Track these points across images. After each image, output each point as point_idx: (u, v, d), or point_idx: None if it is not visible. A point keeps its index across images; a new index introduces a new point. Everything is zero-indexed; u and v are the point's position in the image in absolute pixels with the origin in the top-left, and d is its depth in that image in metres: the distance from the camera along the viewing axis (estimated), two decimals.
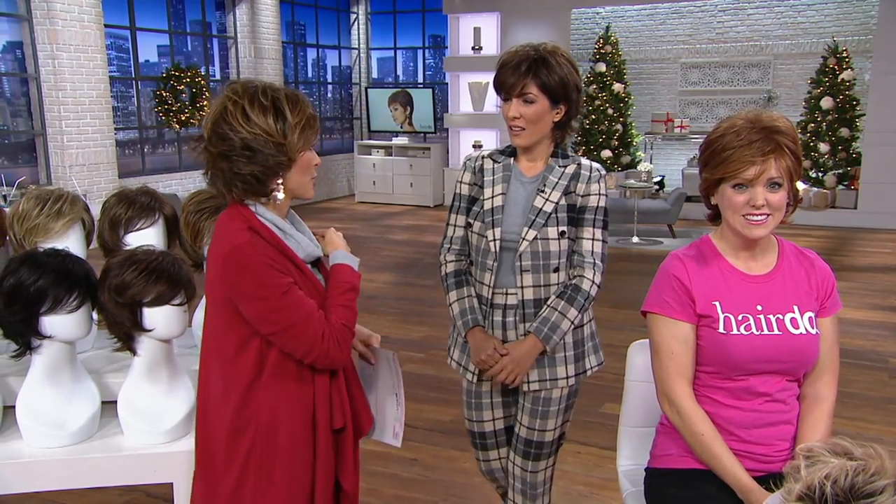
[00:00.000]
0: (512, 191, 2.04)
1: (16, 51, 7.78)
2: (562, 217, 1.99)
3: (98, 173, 8.22)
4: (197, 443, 1.64)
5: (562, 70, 1.94)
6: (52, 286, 1.74)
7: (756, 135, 1.57)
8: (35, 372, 1.82)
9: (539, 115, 1.95)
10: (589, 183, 2.03)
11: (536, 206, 1.99)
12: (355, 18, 13.44)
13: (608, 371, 4.45)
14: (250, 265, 1.50)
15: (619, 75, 10.61)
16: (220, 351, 1.58)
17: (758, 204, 1.57)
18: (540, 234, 1.98)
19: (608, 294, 6.33)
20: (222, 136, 1.51)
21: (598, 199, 2.04)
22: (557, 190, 2.00)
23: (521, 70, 1.93)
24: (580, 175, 2.03)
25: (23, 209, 2.09)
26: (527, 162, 2.05)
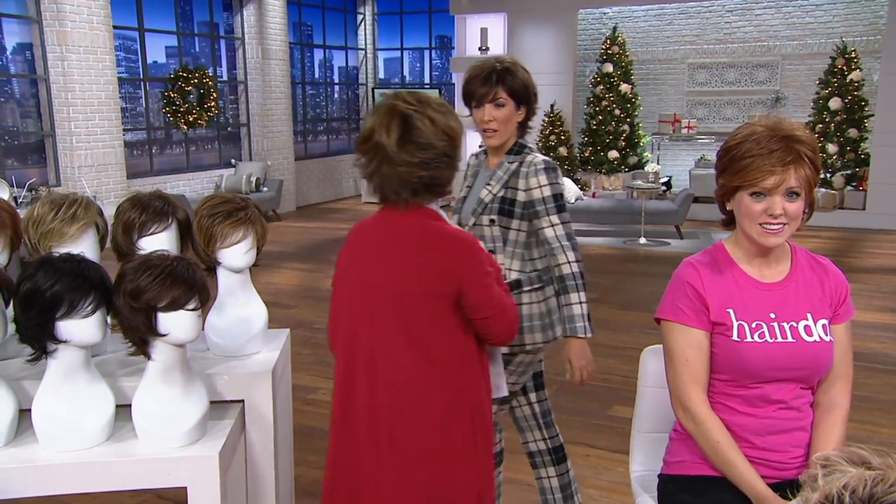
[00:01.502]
0: (476, 183, 2.38)
1: (25, 52, 7.82)
2: (494, 207, 2.28)
3: (107, 174, 8.25)
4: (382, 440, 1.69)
5: (523, 77, 2.24)
6: (67, 291, 1.75)
7: (776, 144, 1.56)
8: (50, 376, 1.83)
9: (508, 116, 2.24)
10: (528, 178, 2.25)
11: (481, 197, 2.30)
12: (362, 19, 13.45)
13: (616, 374, 4.46)
14: (481, 255, 1.73)
15: (626, 76, 10.60)
16: (425, 344, 1.68)
17: (776, 213, 1.57)
18: (477, 221, 2.31)
19: (615, 296, 6.34)
20: (423, 146, 1.63)
21: (541, 190, 2.23)
22: (500, 183, 2.28)
23: (491, 80, 2.21)
24: (520, 171, 2.26)
25: (37, 214, 2.09)
26: (493, 158, 2.34)
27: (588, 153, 10.78)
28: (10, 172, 7.54)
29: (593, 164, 10.73)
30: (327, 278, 6.85)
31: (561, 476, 2.57)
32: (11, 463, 1.78)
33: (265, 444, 2.13)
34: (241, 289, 2.27)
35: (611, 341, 5.04)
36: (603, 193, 10.21)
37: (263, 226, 2.27)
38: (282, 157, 11.20)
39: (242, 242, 2.20)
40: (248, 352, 2.25)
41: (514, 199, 2.25)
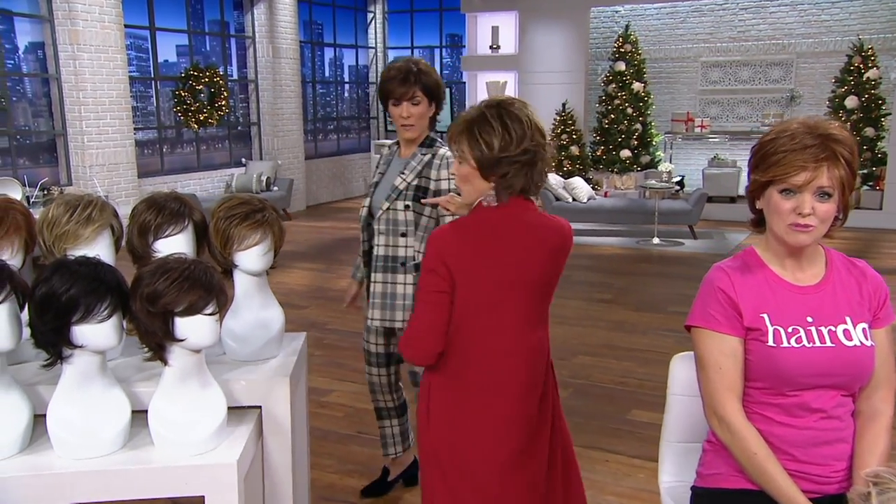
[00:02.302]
0: (389, 172, 2.64)
1: (37, 51, 7.82)
2: (409, 194, 2.52)
3: (118, 173, 8.24)
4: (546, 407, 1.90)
5: (435, 77, 2.54)
6: (83, 295, 1.71)
7: (811, 140, 1.50)
8: (66, 382, 1.79)
9: (423, 113, 2.52)
10: (439, 170, 2.52)
11: (395, 184, 2.55)
12: (372, 17, 13.41)
13: (633, 377, 4.40)
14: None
15: (639, 74, 10.52)
16: (544, 322, 1.91)
17: (804, 212, 1.51)
18: (391, 206, 2.54)
19: (629, 297, 6.27)
20: (540, 145, 1.80)
21: (449, 182, 2.49)
22: (413, 173, 2.53)
23: (409, 80, 2.47)
24: (433, 163, 2.53)
25: (52, 215, 2.05)
26: (405, 149, 2.62)
27: (600, 152, 10.70)
28: (21, 172, 7.54)
29: (605, 163, 10.65)
30: (339, 278, 6.85)
31: (402, 424, 3.01)
32: (26, 470, 1.74)
33: (283, 450, 2.09)
34: (258, 292, 2.23)
35: (626, 343, 4.98)
36: (615, 193, 10.13)
37: (281, 228, 2.22)
38: (292, 156, 11.18)
39: (260, 245, 2.16)
40: (265, 356, 2.20)
41: (427, 187, 2.51)
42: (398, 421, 3.00)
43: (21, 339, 1.77)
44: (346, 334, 5.14)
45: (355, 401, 4.06)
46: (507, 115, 1.78)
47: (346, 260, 7.61)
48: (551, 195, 8.99)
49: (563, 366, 4.54)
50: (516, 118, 1.78)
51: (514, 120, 1.77)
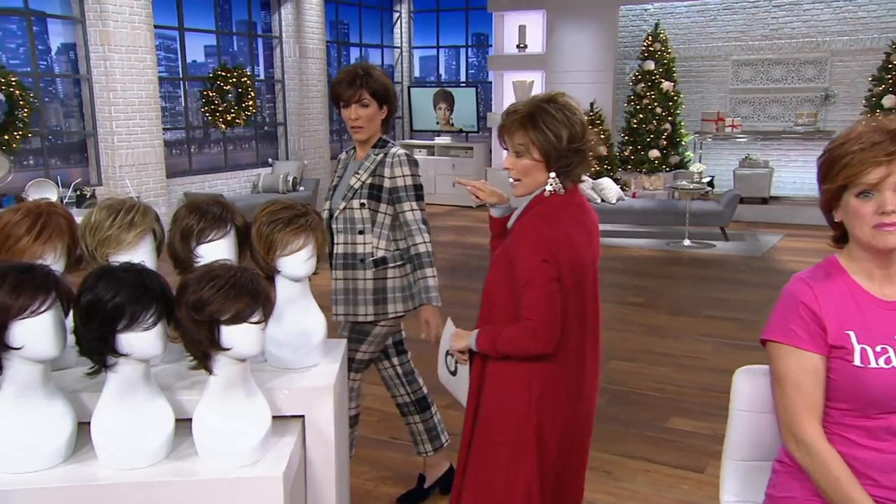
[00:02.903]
0: (346, 174, 2.73)
1: (69, 52, 7.88)
2: (364, 192, 2.62)
3: (147, 173, 8.28)
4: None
5: (383, 81, 2.60)
6: (129, 303, 1.67)
7: (879, 136, 1.43)
8: (110, 390, 1.76)
9: (372, 115, 2.61)
10: (392, 167, 2.62)
11: (350, 184, 2.66)
12: (398, 17, 13.38)
13: (671, 383, 4.31)
14: None
15: (668, 73, 10.37)
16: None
17: (888, 210, 1.42)
18: (348, 205, 2.64)
19: (662, 300, 6.17)
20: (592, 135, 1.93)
21: (404, 178, 2.61)
22: (367, 172, 2.63)
23: (356, 83, 2.56)
24: (385, 162, 2.62)
25: (95, 220, 2.02)
26: (360, 152, 2.71)
27: (628, 152, 10.56)
28: (53, 172, 7.60)
29: (633, 163, 10.51)
30: None
31: (426, 421, 3.00)
32: (71, 481, 1.71)
33: (326, 462, 2.04)
34: (301, 298, 2.19)
35: (661, 348, 4.88)
36: (643, 193, 10.00)
37: (323, 233, 2.18)
38: (318, 156, 11.18)
39: (303, 250, 2.11)
40: (307, 364, 2.16)
41: (381, 185, 2.62)
42: (420, 417, 3.00)
43: (66, 347, 1.74)
44: None
45: (388, 405, 3.98)
46: (566, 108, 1.87)
47: None
48: None
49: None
50: (573, 111, 1.88)
51: (573, 112, 1.88)
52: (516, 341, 1.91)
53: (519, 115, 1.88)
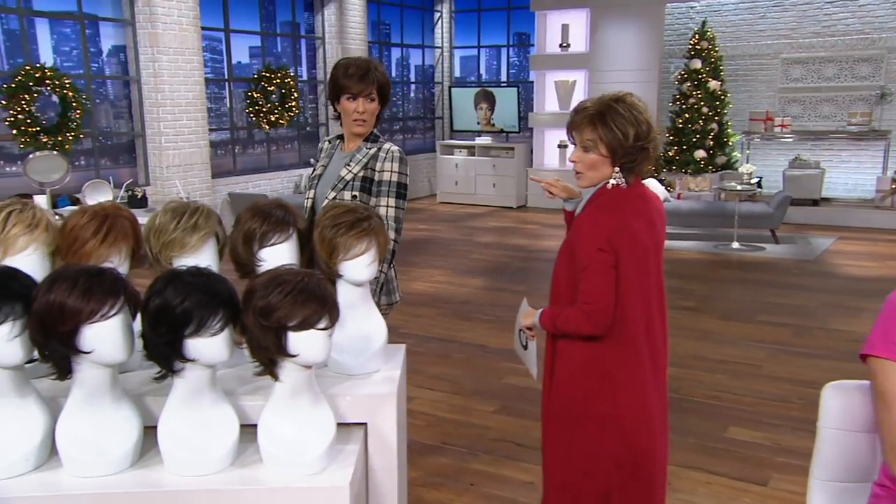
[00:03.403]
0: (331, 164, 2.75)
1: (119, 54, 8.01)
2: (356, 185, 2.64)
3: (193, 174, 8.38)
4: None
5: (387, 77, 2.68)
6: (197, 308, 1.65)
7: None
8: (176, 396, 1.74)
9: (375, 109, 2.67)
10: (383, 161, 2.65)
11: (341, 175, 2.67)
12: (439, 17, 13.35)
13: (727, 391, 4.18)
14: None
15: (716, 72, 10.15)
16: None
17: None
18: (339, 196, 2.63)
19: (713, 305, 6.02)
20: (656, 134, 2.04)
21: (391, 174, 2.64)
22: (359, 165, 2.66)
23: (368, 78, 2.59)
24: (378, 156, 2.66)
25: (159, 223, 2.02)
26: (350, 144, 2.72)
27: (673, 153, 10.37)
28: (103, 172, 7.74)
29: (678, 164, 10.32)
30: (410, 280, 6.79)
31: None
32: (138, 486, 1.70)
33: (389, 470, 2.01)
34: (362, 303, 2.15)
35: (716, 355, 4.75)
36: (689, 195, 9.81)
37: (385, 237, 2.14)
38: None
39: (365, 254, 2.08)
40: (368, 370, 2.12)
41: (372, 178, 2.65)
42: None
43: (133, 351, 1.73)
44: (423, 339, 5.07)
45: (437, 409, 3.97)
46: (634, 107, 1.98)
47: (418, 261, 7.56)
48: None
49: None
50: (640, 111, 1.99)
51: (640, 112, 1.99)
52: (572, 322, 2.05)
53: (588, 112, 2.00)
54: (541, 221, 10.21)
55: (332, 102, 2.71)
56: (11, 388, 1.71)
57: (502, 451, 3.48)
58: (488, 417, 3.85)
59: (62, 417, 1.71)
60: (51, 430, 1.75)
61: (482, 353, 4.79)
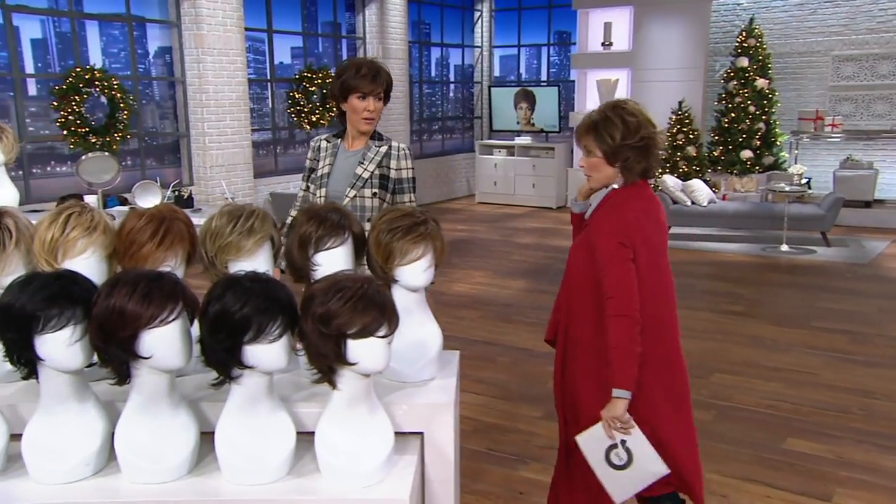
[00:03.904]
0: (338, 162, 2.82)
1: (165, 56, 8.12)
2: (374, 182, 2.76)
3: (235, 174, 8.46)
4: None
5: (391, 76, 2.80)
6: (256, 314, 1.63)
7: None
8: (233, 403, 1.72)
9: (381, 108, 2.79)
10: (399, 160, 2.79)
11: (357, 173, 2.76)
12: (479, 16, 13.29)
13: (784, 400, 4.04)
14: None
15: (763, 70, 9.89)
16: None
17: None
18: (358, 194, 2.75)
19: (764, 310, 5.85)
20: (652, 133, 2.16)
21: (408, 171, 2.80)
22: (373, 163, 2.77)
23: (379, 78, 2.72)
24: (391, 154, 2.79)
25: (215, 226, 2.00)
26: (351, 141, 2.82)
27: (718, 153, 10.14)
28: (149, 172, 7.85)
29: (724, 164, 10.09)
30: (451, 282, 6.74)
31: None
32: (196, 495, 1.68)
33: (446, 482, 1.96)
34: (418, 309, 2.11)
35: (770, 362, 4.61)
36: (734, 196, 9.57)
37: (443, 242, 2.09)
38: None
39: (422, 259, 2.03)
40: (423, 377, 2.08)
41: (388, 175, 2.77)
42: None
43: (191, 357, 1.71)
44: (466, 342, 5.01)
45: (482, 414, 3.91)
46: (624, 111, 2.16)
47: (458, 262, 7.51)
48: (668, 198, 8.57)
49: (700, 384, 4.23)
50: (630, 113, 2.16)
51: (629, 115, 2.15)
52: (618, 342, 2.09)
53: (585, 122, 2.22)
54: None
55: (338, 101, 2.80)
56: (71, 392, 1.70)
57: (551, 460, 3.37)
58: (535, 423, 3.78)
59: (121, 423, 1.70)
60: (109, 435, 1.75)
61: (527, 357, 4.72)
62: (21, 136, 6.65)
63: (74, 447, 1.69)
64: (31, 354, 1.65)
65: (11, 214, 2.01)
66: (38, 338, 1.62)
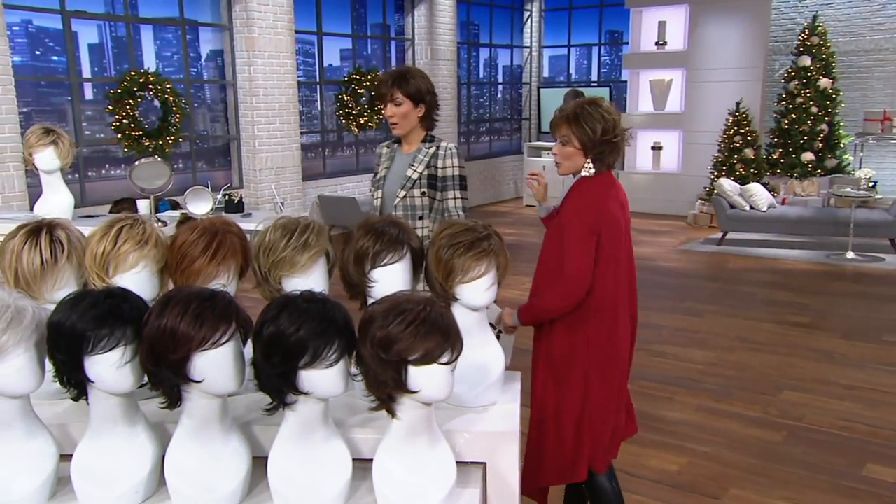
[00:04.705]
0: (394, 166, 2.96)
1: (217, 59, 8.18)
2: (423, 182, 2.87)
3: (284, 177, 8.47)
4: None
5: (416, 82, 2.85)
6: (312, 337, 1.53)
7: None
8: (287, 430, 1.62)
9: (405, 112, 2.86)
10: (444, 159, 2.88)
11: (408, 174, 2.89)
12: (528, 16, 13.11)
13: (859, 421, 3.79)
14: None
15: (827, 69, 9.49)
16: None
17: None
18: (408, 194, 2.87)
19: (832, 322, 5.56)
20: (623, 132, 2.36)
21: (453, 169, 2.87)
22: (422, 164, 2.88)
23: (389, 83, 2.85)
24: (438, 154, 2.89)
25: (269, 240, 1.91)
26: (405, 145, 2.96)
27: (777, 155, 9.77)
28: (199, 175, 7.92)
29: (783, 167, 9.71)
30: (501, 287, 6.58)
31: None
32: None
33: None
34: (479, 329, 1.99)
35: (843, 379, 4.35)
36: (794, 200, 9.20)
37: (507, 258, 1.97)
38: None
39: (485, 277, 1.92)
40: (485, 402, 1.96)
41: (436, 175, 2.87)
42: None
43: (245, 381, 1.62)
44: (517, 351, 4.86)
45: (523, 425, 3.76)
46: (602, 108, 2.32)
47: None
48: (725, 202, 8.28)
49: (767, 402, 4.02)
50: (607, 111, 2.32)
51: (606, 112, 2.32)
52: (547, 302, 2.34)
53: (565, 113, 2.35)
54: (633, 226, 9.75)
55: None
56: (121, 415, 1.63)
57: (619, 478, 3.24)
58: None
59: (170, 450, 1.62)
60: (159, 459, 1.67)
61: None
62: (77, 139, 6.76)
63: (123, 473, 1.62)
64: (80, 375, 1.58)
65: (63, 226, 1.96)
66: (87, 359, 1.55)
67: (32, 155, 3.89)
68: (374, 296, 1.91)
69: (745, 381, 4.33)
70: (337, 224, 8.51)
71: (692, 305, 5.98)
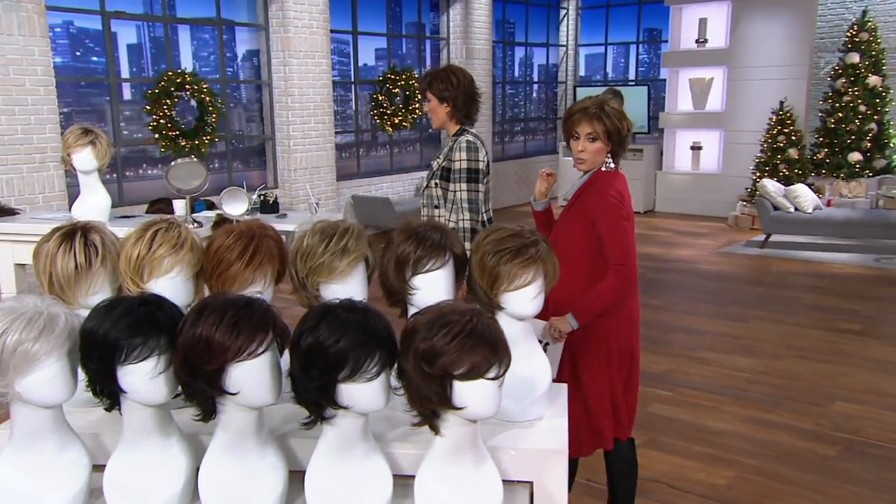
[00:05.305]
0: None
1: (252, 59, 8.19)
2: (438, 174, 3.10)
3: (318, 177, 8.46)
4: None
5: (441, 84, 3.06)
6: (352, 349, 1.45)
7: None
8: (325, 446, 1.55)
9: (433, 108, 3.13)
10: (456, 151, 3.04)
11: (432, 166, 3.16)
12: (565, 14, 12.94)
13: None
14: None
15: (877, 66, 9.17)
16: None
17: None
18: (429, 184, 3.12)
19: (884, 329, 5.34)
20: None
21: (460, 162, 3.02)
22: (443, 157, 3.10)
23: (422, 83, 3.14)
24: (454, 147, 3.05)
25: (307, 245, 1.84)
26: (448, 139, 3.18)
27: (822, 155, 9.47)
28: (235, 175, 7.94)
29: (828, 167, 9.42)
30: None
31: None
32: None
33: None
34: (525, 339, 1.89)
35: (887, 388, 4.15)
36: (840, 201, 8.91)
37: (555, 265, 1.87)
38: None
39: (531, 286, 1.82)
40: (531, 417, 1.86)
41: (451, 167, 3.04)
42: None
43: (281, 393, 1.55)
44: None
45: None
46: (617, 107, 2.48)
47: None
48: (769, 204, 8.04)
49: (820, 413, 3.85)
50: (621, 111, 2.49)
51: (621, 112, 2.49)
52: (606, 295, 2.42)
53: (590, 111, 2.45)
54: (672, 228, 9.62)
55: None
56: (155, 427, 1.57)
57: (656, 495, 3.12)
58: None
59: (205, 463, 1.56)
60: (193, 472, 1.61)
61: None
62: (115, 139, 6.81)
63: (157, 487, 1.56)
64: (113, 385, 1.52)
65: (98, 230, 1.91)
66: (120, 368, 1.49)
67: (70, 155, 3.89)
68: (415, 303, 1.83)
69: (794, 390, 4.16)
70: (371, 224, 8.47)
71: (735, 310, 5.80)
